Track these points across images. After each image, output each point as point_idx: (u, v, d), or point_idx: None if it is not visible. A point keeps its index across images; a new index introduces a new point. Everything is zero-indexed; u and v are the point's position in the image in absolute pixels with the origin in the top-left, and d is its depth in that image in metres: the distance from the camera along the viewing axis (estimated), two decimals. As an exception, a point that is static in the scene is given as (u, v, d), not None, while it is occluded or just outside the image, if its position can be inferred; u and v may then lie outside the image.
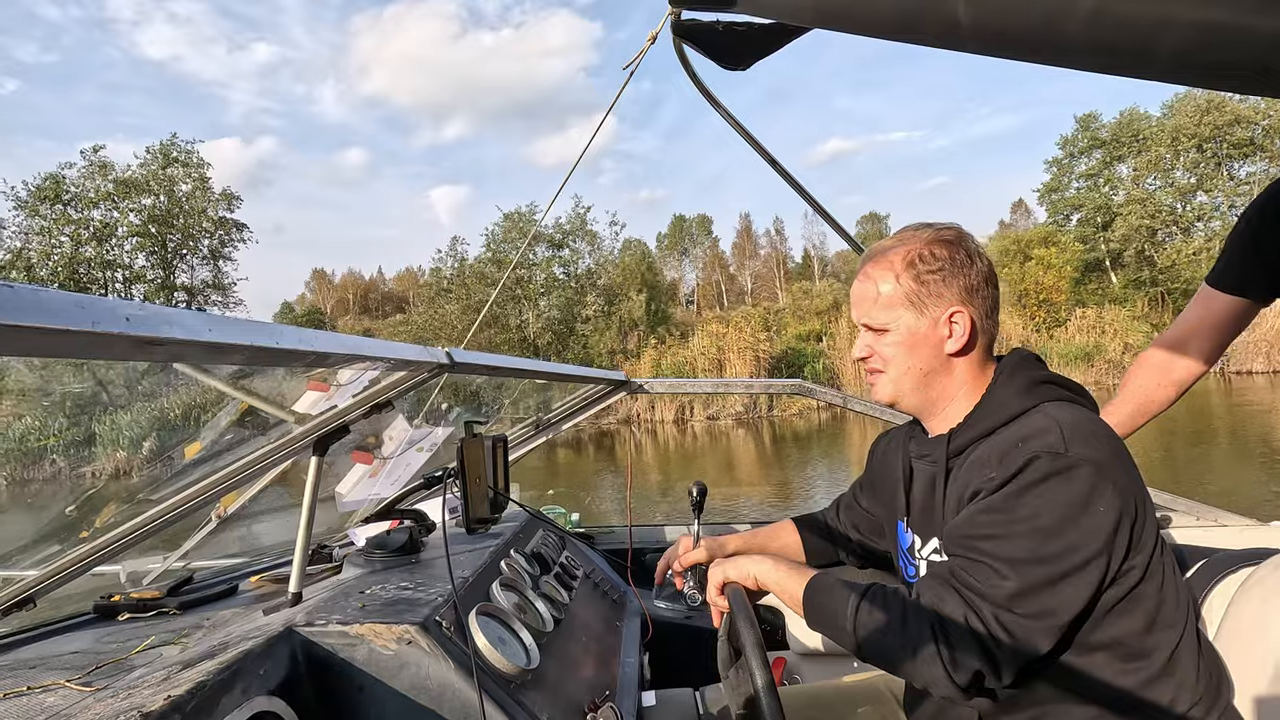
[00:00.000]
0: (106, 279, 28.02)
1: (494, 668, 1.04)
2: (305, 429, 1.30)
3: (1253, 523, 1.73)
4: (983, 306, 1.03)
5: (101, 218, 27.45)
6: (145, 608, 1.40)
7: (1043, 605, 0.86)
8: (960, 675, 0.85)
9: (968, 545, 0.91)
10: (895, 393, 1.07)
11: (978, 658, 0.85)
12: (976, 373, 1.05)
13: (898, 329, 1.04)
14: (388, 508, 1.90)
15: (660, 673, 1.72)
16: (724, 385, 2.86)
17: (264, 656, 0.94)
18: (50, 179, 26.77)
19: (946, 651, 0.86)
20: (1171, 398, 1.53)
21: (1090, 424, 0.93)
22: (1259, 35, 1.24)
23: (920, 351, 1.03)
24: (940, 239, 1.03)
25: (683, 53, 1.77)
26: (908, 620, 0.89)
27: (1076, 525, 0.86)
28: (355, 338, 0.84)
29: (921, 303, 1.02)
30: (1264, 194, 1.37)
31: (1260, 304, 1.41)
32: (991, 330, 1.05)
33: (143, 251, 28.30)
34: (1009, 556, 0.86)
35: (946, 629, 0.87)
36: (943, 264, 1.01)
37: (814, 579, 1.01)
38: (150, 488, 1.63)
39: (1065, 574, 0.86)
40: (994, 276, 1.05)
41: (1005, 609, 0.85)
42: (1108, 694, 0.91)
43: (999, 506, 0.89)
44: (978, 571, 0.88)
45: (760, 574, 1.06)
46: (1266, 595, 1.12)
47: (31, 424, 15.67)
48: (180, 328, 0.48)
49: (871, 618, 0.91)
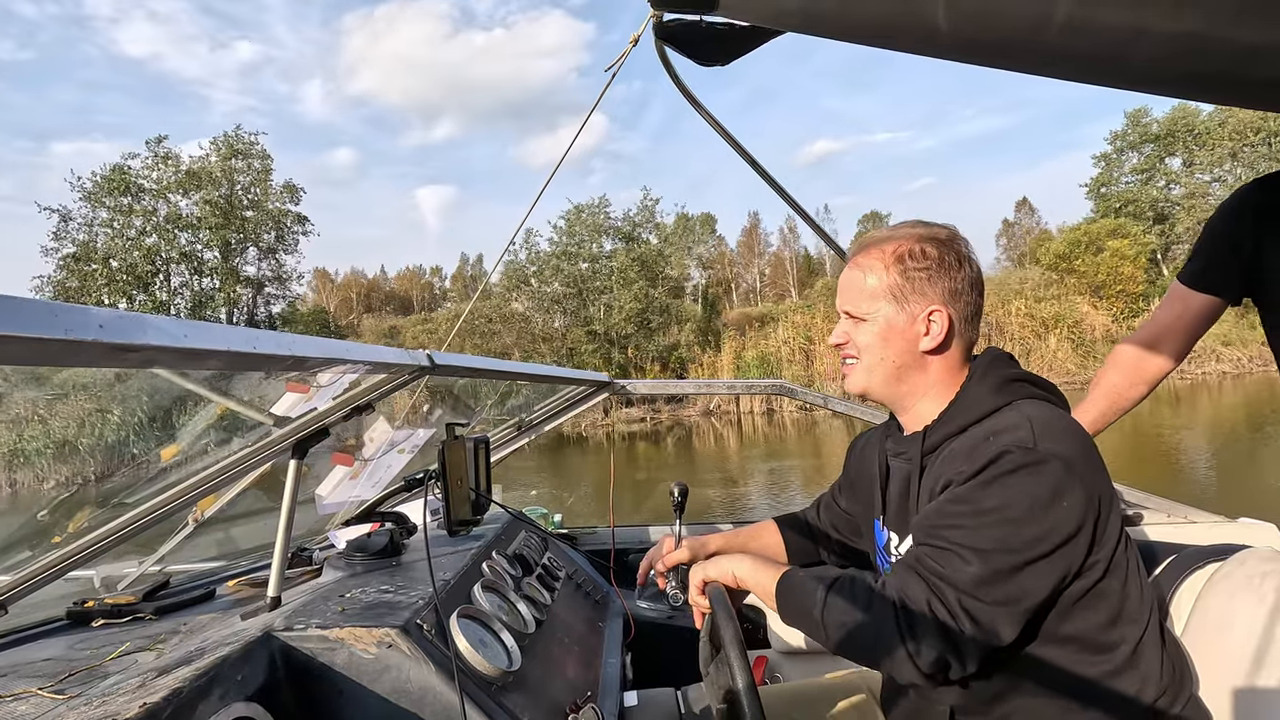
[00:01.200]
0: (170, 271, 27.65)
1: (475, 670, 1.04)
2: (284, 432, 1.29)
3: (1220, 519, 1.77)
4: (964, 310, 1.04)
5: (171, 209, 27.05)
6: (120, 613, 1.38)
7: (1006, 592, 0.87)
8: (924, 661, 0.86)
9: (935, 534, 0.92)
10: (867, 383, 1.09)
11: (941, 643, 0.86)
12: (951, 373, 1.06)
13: (876, 320, 1.06)
14: (369, 510, 1.89)
15: (643, 672, 1.73)
16: (706, 386, 2.88)
17: (242, 662, 0.94)
18: (116, 170, 26.31)
19: (910, 637, 0.87)
20: (1143, 395, 1.56)
21: (1060, 421, 0.95)
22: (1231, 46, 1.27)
23: (894, 344, 1.05)
24: (933, 238, 1.05)
25: (665, 55, 1.78)
26: (873, 606, 0.90)
27: (1043, 517, 0.88)
28: (334, 341, 0.83)
29: (904, 297, 1.04)
30: (1237, 194, 1.40)
31: (1231, 303, 1.45)
32: (970, 335, 1.07)
33: (216, 243, 27.74)
34: (975, 545, 0.88)
35: (910, 614, 0.88)
36: (931, 262, 1.03)
37: (786, 573, 1.02)
38: (126, 491, 1.61)
39: (1029, 562, 0.87)
40: (980, 283, 1.07)
41: (969, 594, 0.86)
42: (1074, 686, 0.94)
43: (967, 497, 0.91)
44: (943, 559, 0.89)
45: (739, 571, 1.07)
46: (1232, 590, 1.16)
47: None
48: (155, 334, 0.48)
49: (839, 606, 0.93)
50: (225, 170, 27.46)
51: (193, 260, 27.66)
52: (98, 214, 26.33)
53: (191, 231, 27.36)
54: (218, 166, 27.32)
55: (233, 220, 27.52)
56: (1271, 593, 1.09)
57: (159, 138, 27.31)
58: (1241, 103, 1.56)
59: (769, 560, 1.08)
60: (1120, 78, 1.53)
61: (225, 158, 27.54)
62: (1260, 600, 1.09)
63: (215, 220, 26.95)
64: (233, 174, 27.76)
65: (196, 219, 27.01)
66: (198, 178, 27.05)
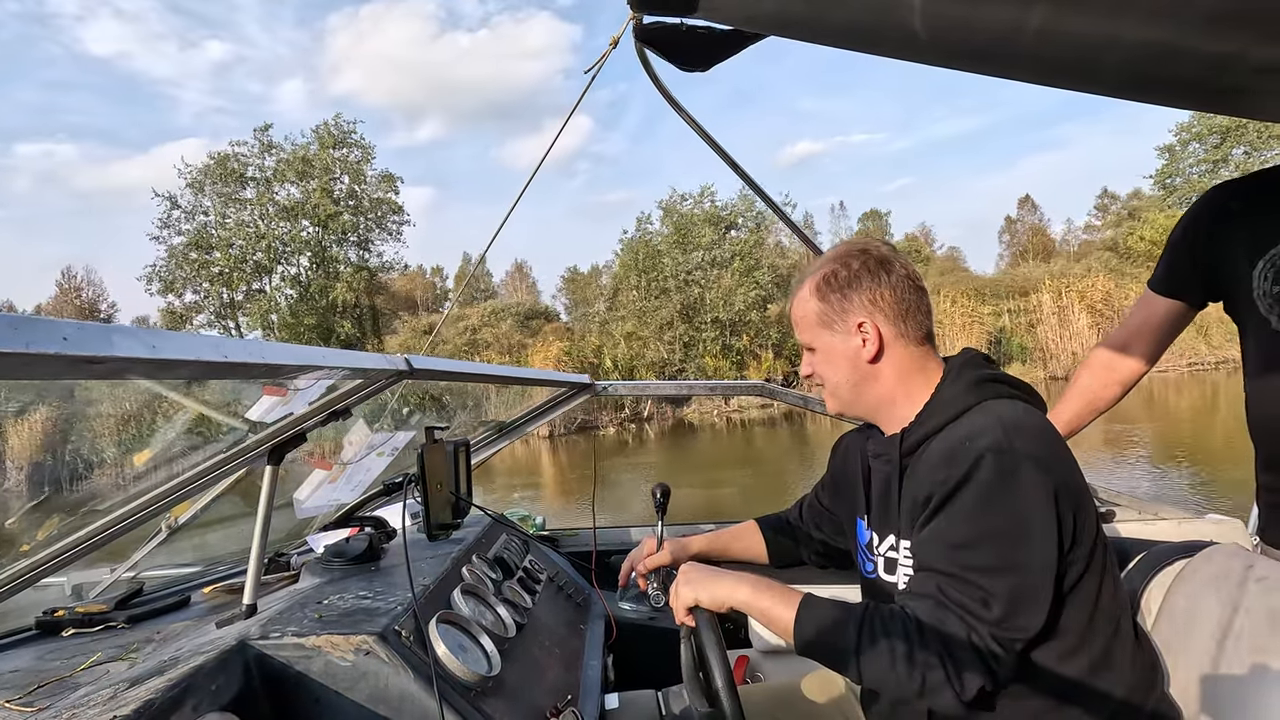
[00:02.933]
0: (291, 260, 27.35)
1: (454, 676, 1.03)
2: (260, 437, 1.27)
3: (1189, 516, 1.81)
4: (891, 312, 1.07)
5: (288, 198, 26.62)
6: (91, 622, 1.35)
7: (1027, 620, 0.90)
8: (968, 693, 0.89)
9: (944, 558, 0.93)
10: (838, 405, 1.16)
11: (983, 675, 0.89)
12: (910, 372, 1.08)
13: (822, 347, 1.12)
14: (347, 514, 1.87)
15: (624, 674, 1.73)
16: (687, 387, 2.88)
17: (216, 671, 0.92)
18: (220, 158, 25.98)
19: (955, 675, 0.89)
20: (1117, 396, 1.60)
21: (1032, 420, 0.97)
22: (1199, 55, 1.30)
23: (842, 365, 1.10)
24: (842, 256, 1.10)
25: (644, 56, 1.78)
26: (914, 651, 0.90)
27: (1034, 524, 0.90)
28: (308, 348, 0.82)
29: (832, 320, 1.09)
30: (1199, 201, 1.43)
31: (1196, 308, 1.48)
32: (914, 333, 1.08)
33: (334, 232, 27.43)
34: (983, 566, 0.90)
35: (954, 654, 0.89)
36: (843, 281, 1.08)
37: (802, 608, 0.99)
38: (97, 497, 1.58)
39: (1038, 581, 0.91)
40: (910, 280, 1.09)
41: (998, 627, 0.89)
42: (1054, 684, 0.96)
43: (962, 514, 0.92)
44: (964, 589, 0.91)
45: (737, 602, 1.04)
46: (1200, 585, 1.18)
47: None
48: (123, 345, 0.47)
49: (876, 650, 0.92)
50: (332, 160, 27.18)
51: (313, 248, 27.36)
52: (202, 202, 26.18)
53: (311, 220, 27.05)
54: (325, 155, 26.99)
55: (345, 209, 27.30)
56: (1236, 588, 1.11)
57: (265, 125, 26.95)
58: (1207, 108, 1.60)
59: (769, 584, 1.04)
60: (1092, 83, 1.56)
61: (327, 146, 27.15)
62: (1225, 595, 1.12)
63: (333, 209, 26.73)
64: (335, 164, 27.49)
65: (313, 207, 26.68)
66: (311, 165, 26.75)
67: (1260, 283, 1.29)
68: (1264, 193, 1.33)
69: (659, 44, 1.68)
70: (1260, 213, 1.30)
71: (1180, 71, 1.37)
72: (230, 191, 26.26)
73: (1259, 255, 1.28)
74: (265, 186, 26.69)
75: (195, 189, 26.10)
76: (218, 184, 26.08)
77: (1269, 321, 1.28)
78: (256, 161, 26.72)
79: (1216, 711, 1.05)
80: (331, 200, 26.80)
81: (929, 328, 1.11)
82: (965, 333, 23.56)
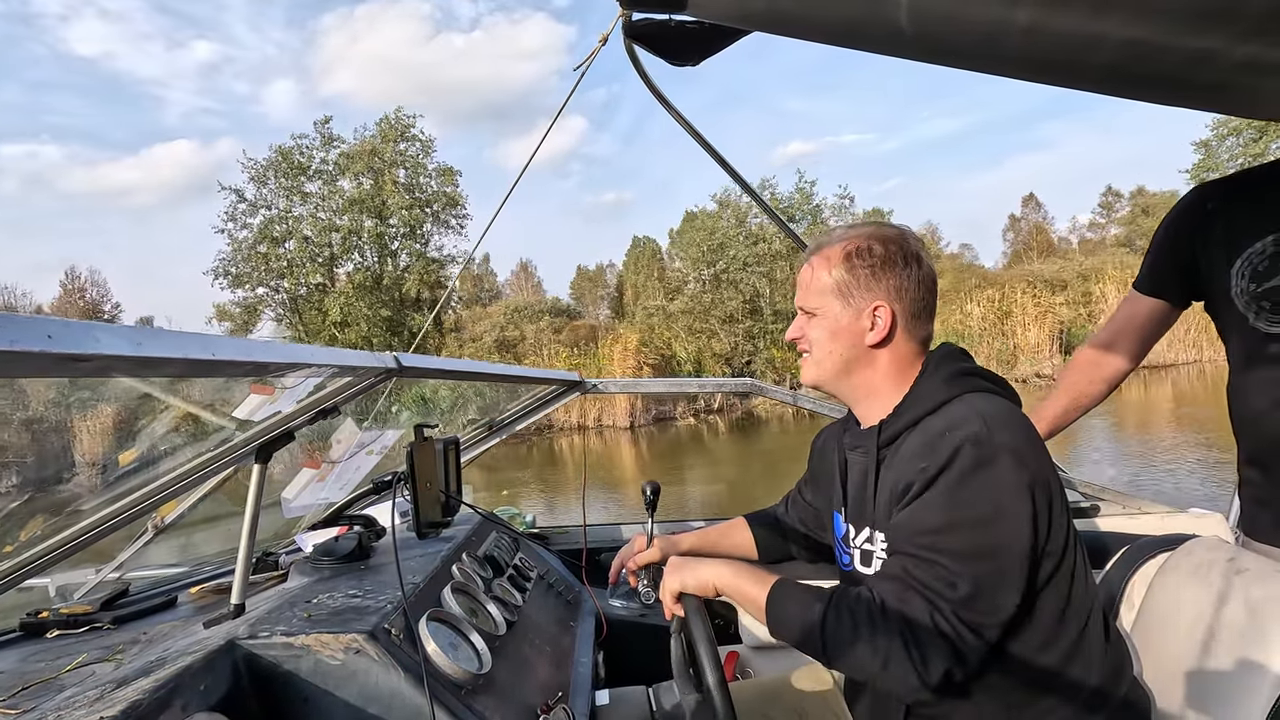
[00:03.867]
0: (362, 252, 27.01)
1: (445, 674, 1.03)
2: (247, 436, 1.26)
3: (1172, 510, 1.83)
4: (910, 306, 1.07)
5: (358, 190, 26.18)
6: (76, 623, 1.34)
7: (996, 602, 0.91)
8: (931, 676, 0.89)
9: (914, 541, 0.94)
10: (818, 375, 1.13)
11: (947, 658, 0.89)
12: (902, 367, 1.09)
13: (826, 315, 1.10)
14: (336, 513, 1.86)
15: (614, 671, 1.73)
16: (677, 385, 2.89)
17: (204, 671, 0.92)
18: (283, 151, 25.59)
19: (918, 655, 0.89)
20: (1102, 393, 1.62)
21: (1009, 413, 0.98)
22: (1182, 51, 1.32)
23: (842, 339, 1.09)
24: (881, 236, 1.08)
25: (634, 54, 1.77)
26: (877, 628, 0.91)
27: (1008, 514, 0.91)
28: (297, 345, 0.82)
29: (850, 293, 1.07)
30: (1180, 202, 1.46)
31: (1179, 307, 1.50)
32: (919, 331, 1.10)
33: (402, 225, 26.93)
34: (954, 550, 0.91)
35: (916, 634, 0.90)
36: (877, 260, 1.06)
37: (774, 588, 1.02)
38: (82, 498, 1.56)
39: (1008, 568, 0.91)
40: (932, 281, 1.10)
41: (966, 608, 0.90)
42: (1028, 674, 0.97)
43: (936, 501, 0.93)
44: (931, 570, 0.91)
45: (719, 583, 1.07)
46: (1181, 578, 1.20)
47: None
48: (109, 343, 0.47)
49: (841, 626, 0.93)
50: (395, 153, 26.74)
51: (381, 241, 26.95)
52: (263, 194, 25.81)
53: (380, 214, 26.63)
54: (389, 149, 26.52)
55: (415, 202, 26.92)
56: (1217, 580, 1.13)
57: (325, 118, 26.43)
58: (1189, 104, 1.62)
59: (748, 569, 1.08)
60: (1078, 79, 1.58)
61: (390, 140, 26.68)
62: (1206, 587, 1.14)
63: (408, 201, 26.38)
64: (398, 157, 27.00)
65: (384, 200, 26.29)
66: (379, 158, 26.34)
67: (1238, 281, 1.31)
68: (1240, 193, 1.35)
69: (648, 40, 1.68)
70: (1237, 213, 1.33)
71: (1164, 68, 1.39)
72: (295, 185, 25.93)
73: (1237, 254, 1.31)
74: (329, 179, 26.32)
75: (259, 181, 25.78)
76: (283, 177, 25.72)
77: (1247, 319, 1.31)
78: (320, 154, 26.33)
79: (1200, 699, 1.07)
80: (405, 191, 26.50)
81: (931, 331, 1.11)
82: (1038, 323, 23.52)
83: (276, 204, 25.86)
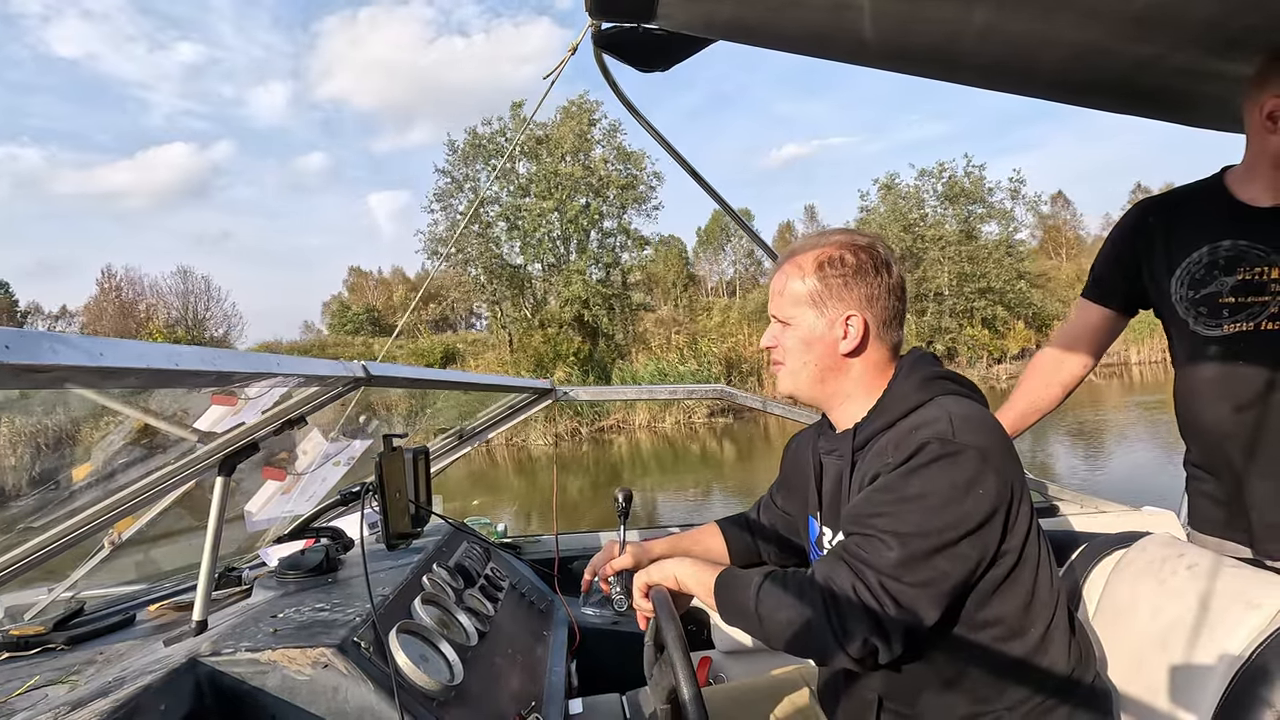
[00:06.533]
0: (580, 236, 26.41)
1: (416, 686, 1.02)
2: (210, 448, 1.23)
3: (1127, 508, 1.90)
4: (881, 314, 1.09)
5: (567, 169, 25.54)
6: (27, 645, 1.29)
7: (925, 575, 0.91)
8: (851, 645, 0.90)
9: (861, 523, 0.96)
10: (793, 385, 1.14)
11: (866, 625, 0.90)
12: (874, 374, 1.11)
13: (799, 325, 1.11)
14: (302, 526, 1.82)
15: (588, 679, 1.72)
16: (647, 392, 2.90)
17: (165, 691, 0.89)
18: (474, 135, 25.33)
19: (838, 621, 0.90)
20: (1058, 397, 1.67)
21: (978, 415, 1.01)
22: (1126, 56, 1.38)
23: (815, 349, 1.10)
24: (853, 245, 1.09)
25: (604, 64, 1.79)
26: (803, 595, 0.94)
27: (959, 504, 0.93)
28: (262, 355, 0.80)
29: (823, 303, 1.09)
30: (1123, 217, 1.55)
31: (1127, 315, 1.57)
32: (890, 338, 1.11)
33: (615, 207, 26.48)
34: (895, 530, 0.92)
35: (835, 599, 0.92)
36: (849, 269, 1.07)
37: (723, 572, 1.05)
38: (33, 514, 1.50)
39: (946, 544, 0.92)
40: (902, 289, 1.11)
41: (890, 577, 0.91)
42: (994, 669, 1.00)
43: (891, 486, 0.96)
44: (868, 545, 0.93)
45: (680, 574, 1.09)
46: (1136, 574, 1.24)
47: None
48: (68, 353, 0.46)
49: (771, 598, 0.96)
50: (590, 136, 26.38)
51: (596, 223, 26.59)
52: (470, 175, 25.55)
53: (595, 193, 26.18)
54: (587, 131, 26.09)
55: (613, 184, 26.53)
56: (1169, 576, 1.17)
57: (518, 102, 25.89)
58: (1132, 111, 1.70)
59: (709, 562, 1.11)
60: (1030, 85, 1.64)
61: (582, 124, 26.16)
62: (1159, 583, 1.18)
63: (624, 181, 25.97)
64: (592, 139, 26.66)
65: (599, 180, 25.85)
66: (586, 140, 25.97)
67: (1178, 289, 1.40)
68: (1177, 208, 1.45)
69: (617, 48, 1.69)
70: (1175, 227, 1.42)
71: (1108, 74, 1.46)
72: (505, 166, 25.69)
73: (1176, 264, 1.40)
74: (536, 161, 25.92)
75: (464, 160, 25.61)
76: (492, 158, 25.55)
77: (1188, 323, 1.39)
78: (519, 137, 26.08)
79: (1154, 690, 1.10)
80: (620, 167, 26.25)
81: (901, 337, 1.13)
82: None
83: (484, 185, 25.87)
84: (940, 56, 1.47)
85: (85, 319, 35.96)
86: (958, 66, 1.53)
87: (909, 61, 1.54)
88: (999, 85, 1.64)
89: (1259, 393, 1.31)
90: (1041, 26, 1.28)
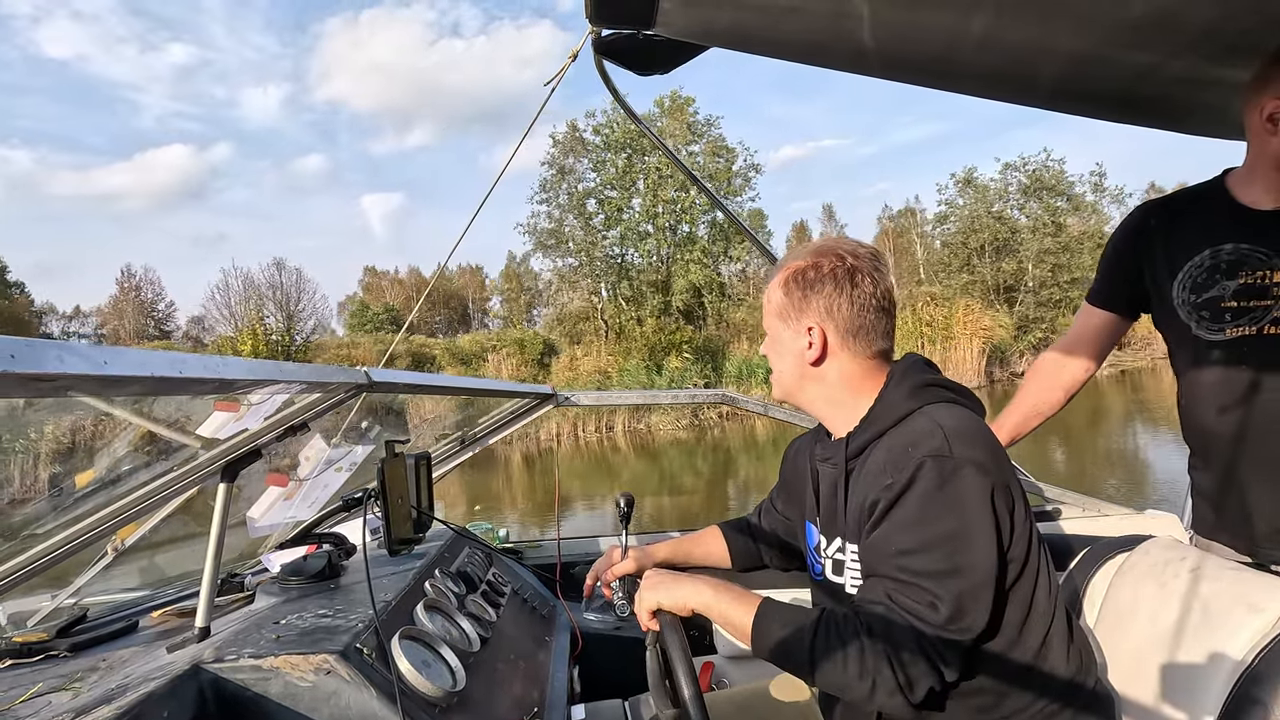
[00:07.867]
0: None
1: (418, 692, 1.02)
2: (213, 454, 1.24)
3: (1130, 512, 1.89)
4: (844, 324, 1.07)
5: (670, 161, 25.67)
6: (30, 652, 1.29)
7: (972, 620, 0.93)
8: (917, 695, 0.92)
9: (892, 564, 0.96)
10: (781, 391, 1.19)
11: (931, 677, 0.92)
12: (856, 381, 1.10)
13: (775, 336, 1.15)
14: (305, 531, 1.83)
15: (591, 684, 1.72)
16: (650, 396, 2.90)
17: (168, 698, 0.90)
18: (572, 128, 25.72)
19: (904, 677, 0.91)
20: (1060, 401, 1.67)
21: (970, 424, 1.00)
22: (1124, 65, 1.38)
23: (788, 359, 1.13)
24: (820, 254, 1.09)
25: (604, 70, 1.80)
26: (865, 652, 0.93)
27: (975, 527, 0.94)
28: (265, 362, 0.81)
29: (788, 315, 1.11)
30: (1124, 221, 1.54)
31: (1130, 319, 1.57)
32: (865, 348, 1.09)
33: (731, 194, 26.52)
34: (930, 571, 0.93)
35: (901, 657, 0.92)
36: (809, 281, 1.08)
37: (760, 612, 1.02)
38: (36, 521, 1.51)
39: (981, 582, 0.94)
40: (873, 301, 1.08)
41: (945, 629, 0.92)
42: (995, 678, 0.99)
43: (906, 520, 0.95)
44: (911, 594, 0.94)
45: (698, 604, 1.06)
46: (1138, 578, 1.24)
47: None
48: (73, 361, 0.46)
49: (829, 650, 0.95)
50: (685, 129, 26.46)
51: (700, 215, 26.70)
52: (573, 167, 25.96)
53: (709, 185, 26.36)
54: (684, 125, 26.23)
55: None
56: (1171, 579, 1.17)
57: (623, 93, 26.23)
58: (1131, 120, 1.70)
59: (728, 586, 1.07)
60: (1029, 94, 1.65)
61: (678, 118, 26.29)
62: (1162, 586, 1.18)
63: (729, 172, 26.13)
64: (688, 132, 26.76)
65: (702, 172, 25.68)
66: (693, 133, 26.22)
67: (1180, 292, 1.39)
68: (1179, 211, 1.44)
69: (617, 54, 1.70)
70: (1177, 230, 1.42)
71: (1108, 83, 1.46)
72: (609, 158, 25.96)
73: (1178, 268, 1.39)
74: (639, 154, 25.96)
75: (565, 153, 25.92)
76: (594, 151, 25.95)
77: (1190, 328, 1.39)
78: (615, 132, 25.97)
79: (1156, 695, 1.10)
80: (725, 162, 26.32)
81: (883, 347, 1.11)
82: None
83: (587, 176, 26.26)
84: (939, 65, 1.47)
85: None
86: (957, 75, 1.53)
87: (908, 70, 1.54)
88: (999, 94, 1.64)
89: (1261, 397, 1.31)
90: (1039, 35, 1.28)
